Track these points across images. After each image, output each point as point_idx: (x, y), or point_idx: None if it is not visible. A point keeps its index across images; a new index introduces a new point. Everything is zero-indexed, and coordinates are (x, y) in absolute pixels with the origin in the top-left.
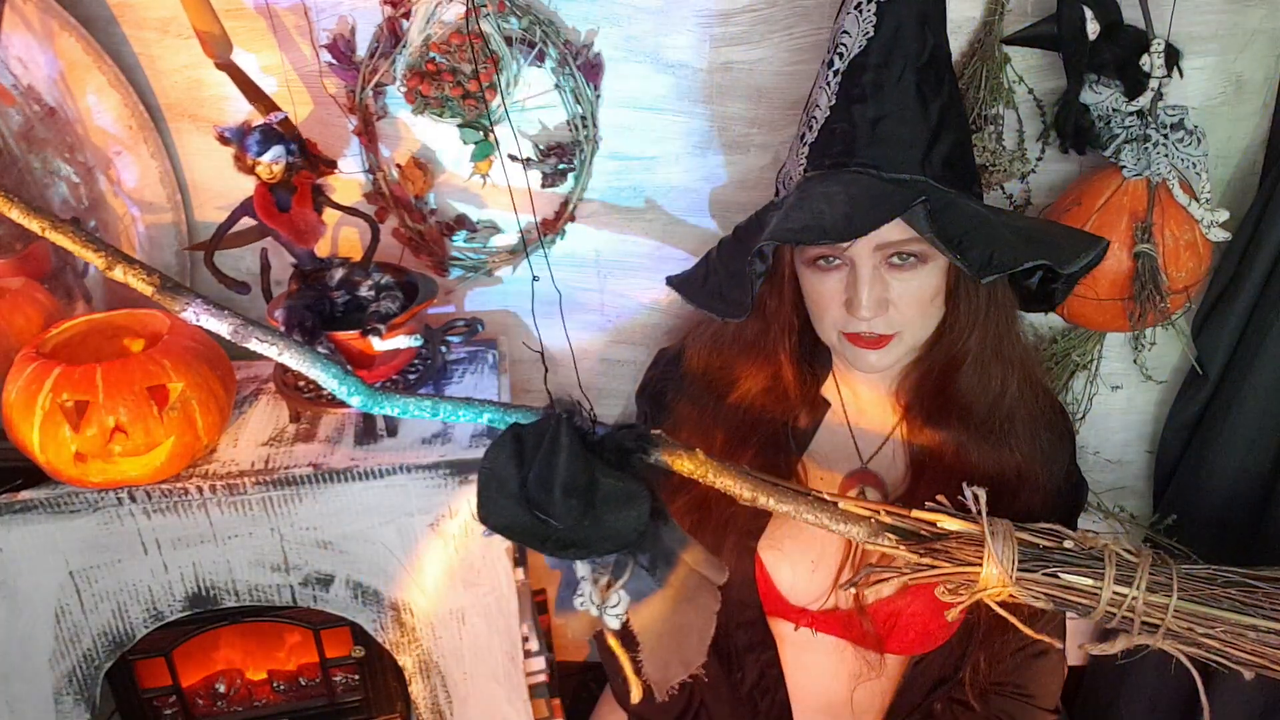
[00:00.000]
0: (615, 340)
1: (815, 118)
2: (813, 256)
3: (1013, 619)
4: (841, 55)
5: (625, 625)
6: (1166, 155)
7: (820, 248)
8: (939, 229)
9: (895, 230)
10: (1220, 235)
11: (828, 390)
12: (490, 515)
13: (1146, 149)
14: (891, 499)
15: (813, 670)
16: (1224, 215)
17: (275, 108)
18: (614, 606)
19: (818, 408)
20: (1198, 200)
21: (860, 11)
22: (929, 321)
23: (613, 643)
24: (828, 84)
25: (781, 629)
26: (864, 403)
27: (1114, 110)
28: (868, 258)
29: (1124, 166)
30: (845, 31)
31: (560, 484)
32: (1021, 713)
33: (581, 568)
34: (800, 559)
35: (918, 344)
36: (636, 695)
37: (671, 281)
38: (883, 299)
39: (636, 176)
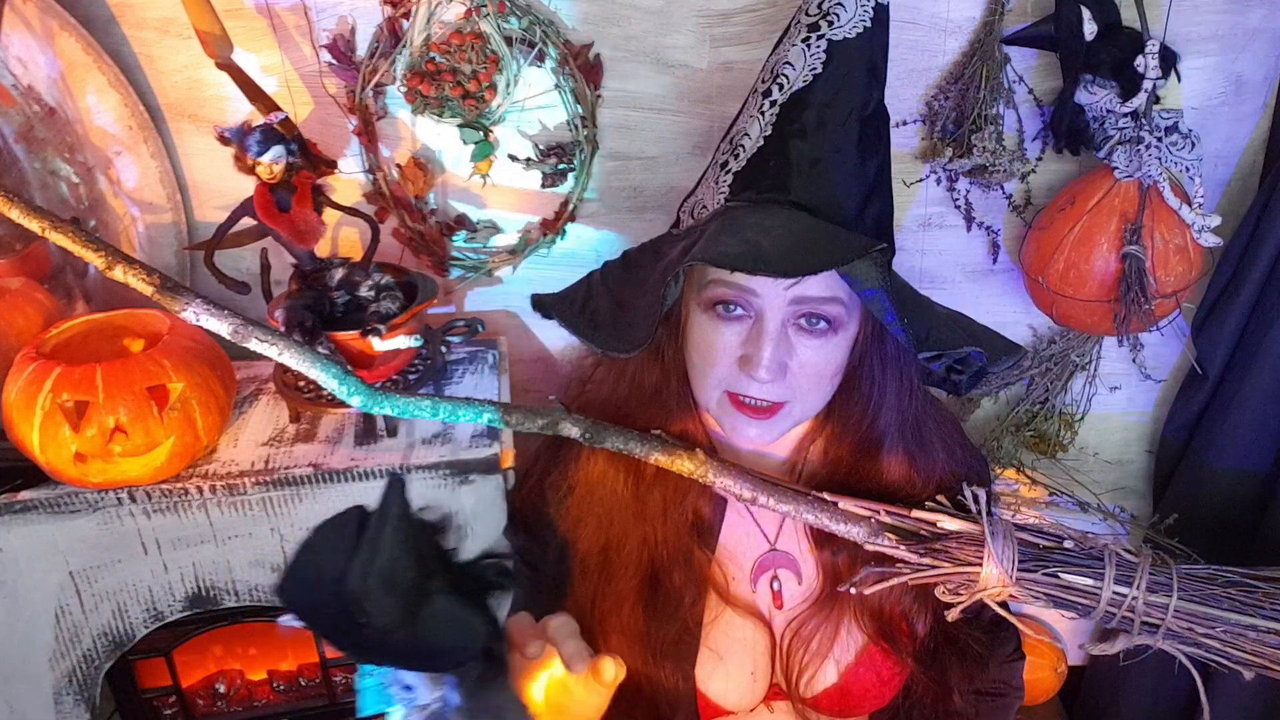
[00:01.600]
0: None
1: (743, 146)
2: (713, 299)
3: (1012, 618)
4: (781, 86)
5: None
6: (1159, 158)
7: (725, 289)
8: (890, 287)
9: (820, 284)
10: (1211, 241)
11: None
12: (293, 597)
13: (1139, 151)
14: (803, 583)
15: None
16: (1216, 221)
17: (276, 107)
18: None
19: (716, 499)
20: (1190, 204)
21: (808, 45)
22: (821, 398)
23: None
24: (761, 113)
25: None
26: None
27: (1108, 111)
28: (779, 311)
29: (1116, 168)
30: (788, 63)
31: (380, 572)
32: None
33: (394, 718)
34: (736, 672)
35: (804, 420)
36: None
37: (539, 301)
38: (784, 363)
39: (636, 176)
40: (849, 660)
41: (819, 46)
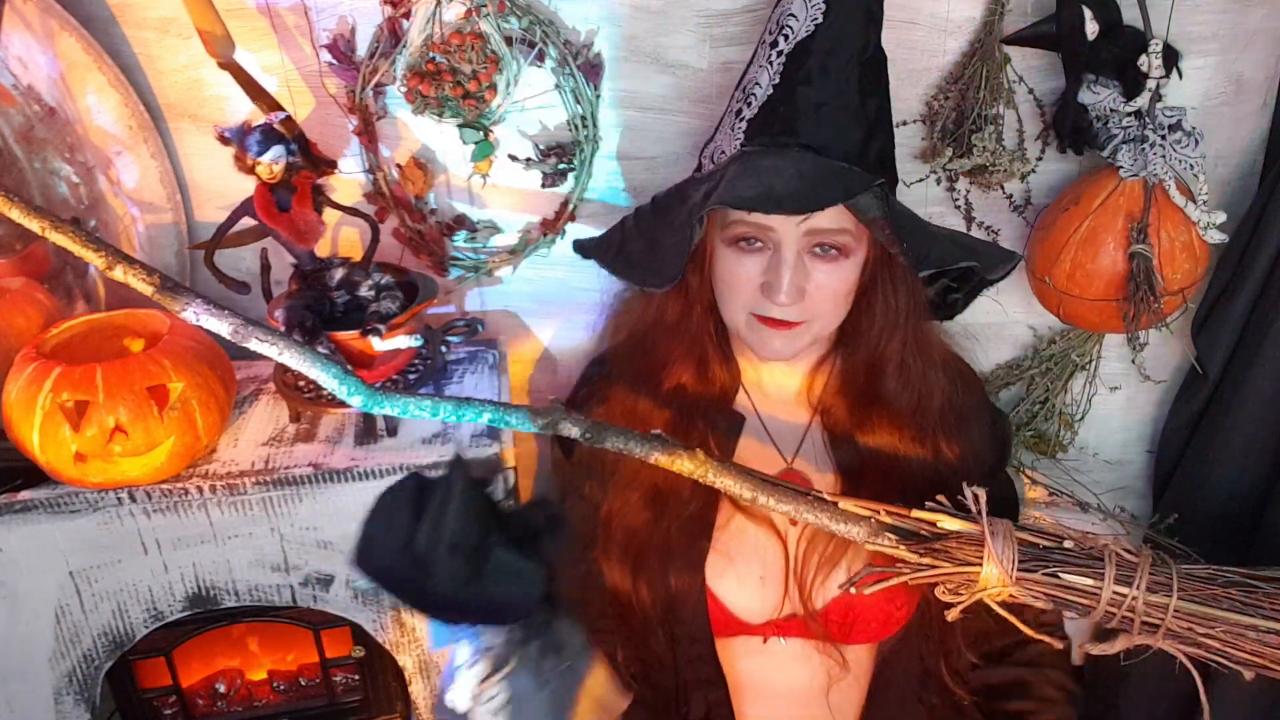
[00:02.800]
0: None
1: (755, 95)
2: (735, 236)
3: (1014, 619)
4: (787, 37)
5: None
6: (1163, 156)
7: (745, 227)
8: (892, 215)
9: (829, 217)
10: (1217, 237)
11: (739, 400)
12: (368, 562)
13: (1144, 150)
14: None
15: (779, 687)
16: (1221, 217)
17: (278, 106)
18: (488, 702)
19: (734, 416)
20: (1195, 202)
21: None
22: (838, 316)
23: None
24: (769, 62)
25: (736, 651)
26: (774, 402)
27: (1112, 110)
28: (794, 242)
29: (1121, 167)
30: (791, 14)
31: (447, 539)
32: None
33: (461, 652)
34: (747, 575)
35: (822, 336)
36: None
37: (582, 246)
38: (802, 287)
39: (636, 176)
40: (857, 573)
41: None
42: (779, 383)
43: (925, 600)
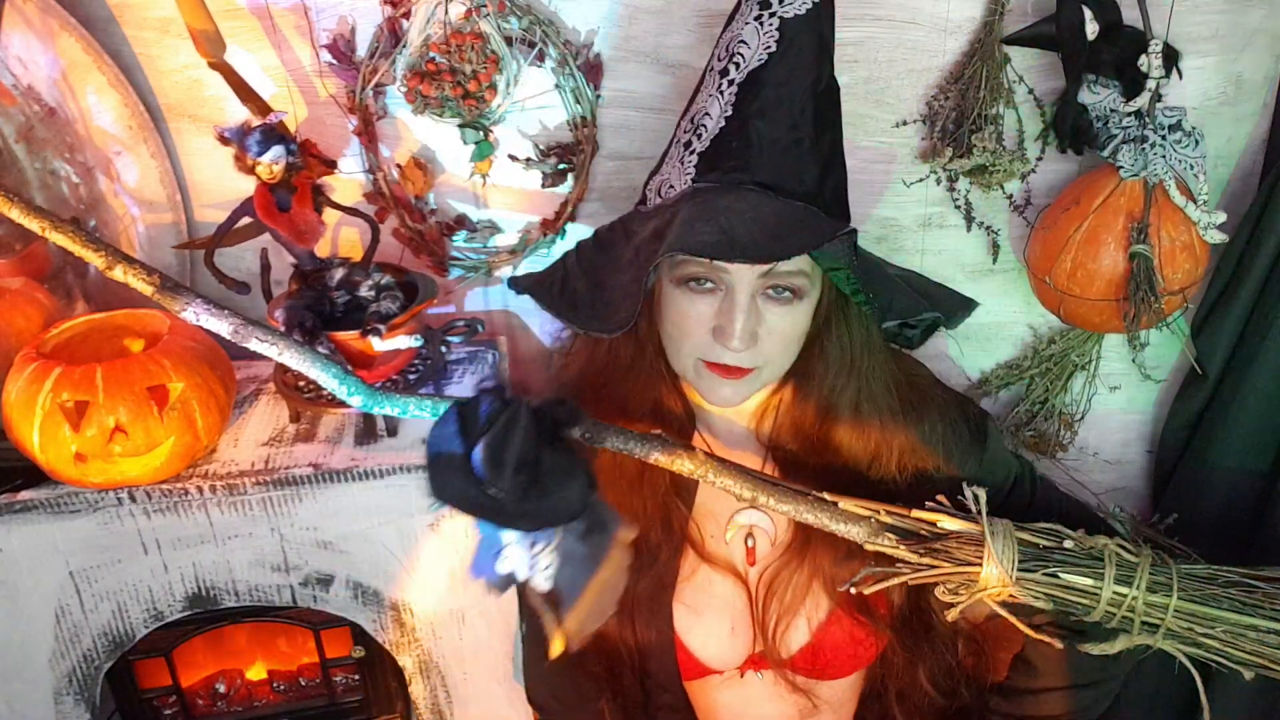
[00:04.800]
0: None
1: (705, 126)
2: (686, 276)
3: (1014, 620)
4: (738, 65)
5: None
6: (1164, 156)
7: (697, 268)
8: (858, 263)
9: (787, 262)
10: (1217, 237)
11: (695, 439)
12: (443, 490)
13: (1144, 150)
14: (775, 541)
15: (757, 718)
16: (1221, 217)
17: (269, 109)
18: (546, 569)
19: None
20: (1195, 202)
21: (760, 24)
22: (788, 359)
23: (537, 602)
24: (720, 92)
25: (713, 685)
26: (724, 443)
27: (1112, 110)
28: (749, 285)
29: (1121, 167)
30: (743, 41)
31: (513, 461)
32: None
33: (509, 534)
34: (716, 627)
35: (772, 381)
36: (557, 650)
37: (519, 284)
38: (755, 331)
39: (636, 176)
40: (820, 619)
41: (771, 24)
42: (728, 419)
43: (895, 629)
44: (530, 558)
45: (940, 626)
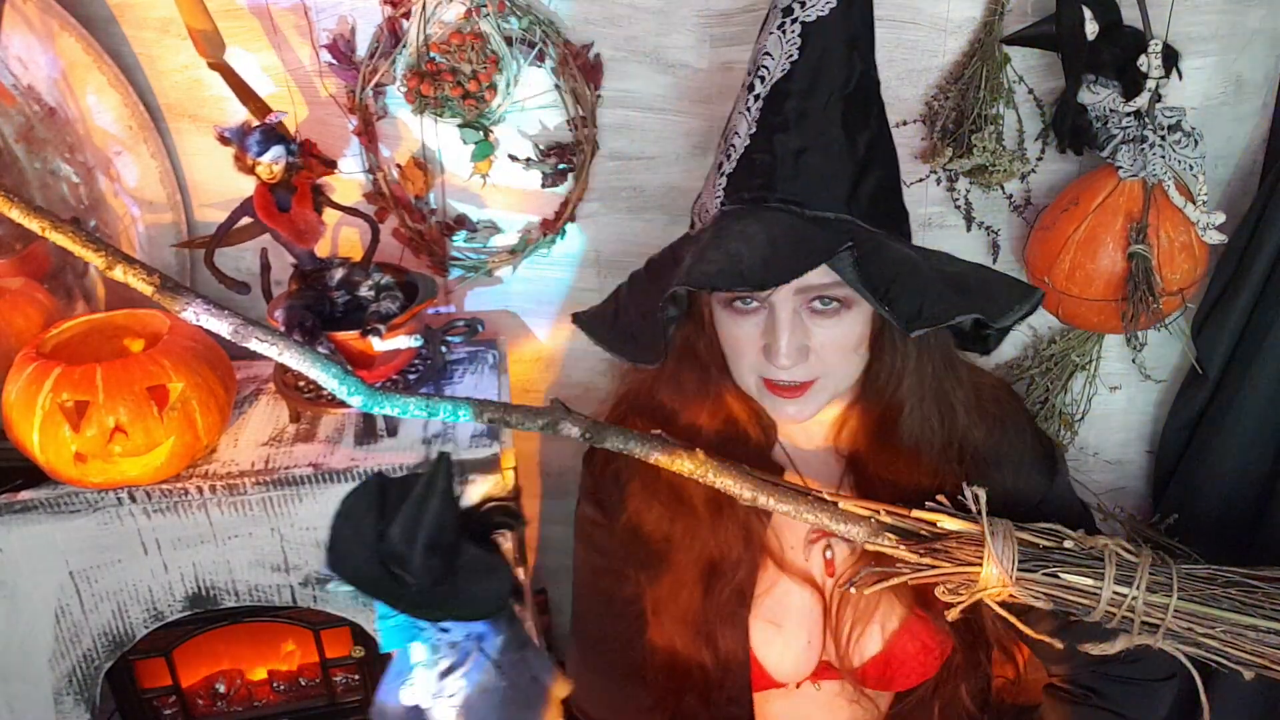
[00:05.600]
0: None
1: (734, 145)
2: (729, 298)
3: (1014, 620)
4: (763, 79)
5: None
6: (1163, 156)
7: (732, 293)
8: (865, 277)
9: (818, 274)
10: (1216, 238)
11: (775, 451)
12: (341, 564)
13: (1143, 150)
14: (855, 554)
15: None
16: (1220, 218)
17: (268, 110)
18: (451, 696)
19: (774, 468)
20: (1194, 202)
21: (783, 32)
22: (852, 369)
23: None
24: (748, 109)
25: (769, 697)
26: (807, 450)
27: (1111, 111)
28: (788, 301)
29: (1120, 167)
30: (767, 53)
31: (425, 537)
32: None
33: (417, 652)
34: (794, 640)
35: (840, 391)
36: None
37: (579, 320)
38: (803, 346)
39: (636, 176)
40: (893, 627)
41: (794, 31)
42: (806, 430)
43: (961, 636)
44: (436, 683)
45: (989, 636)
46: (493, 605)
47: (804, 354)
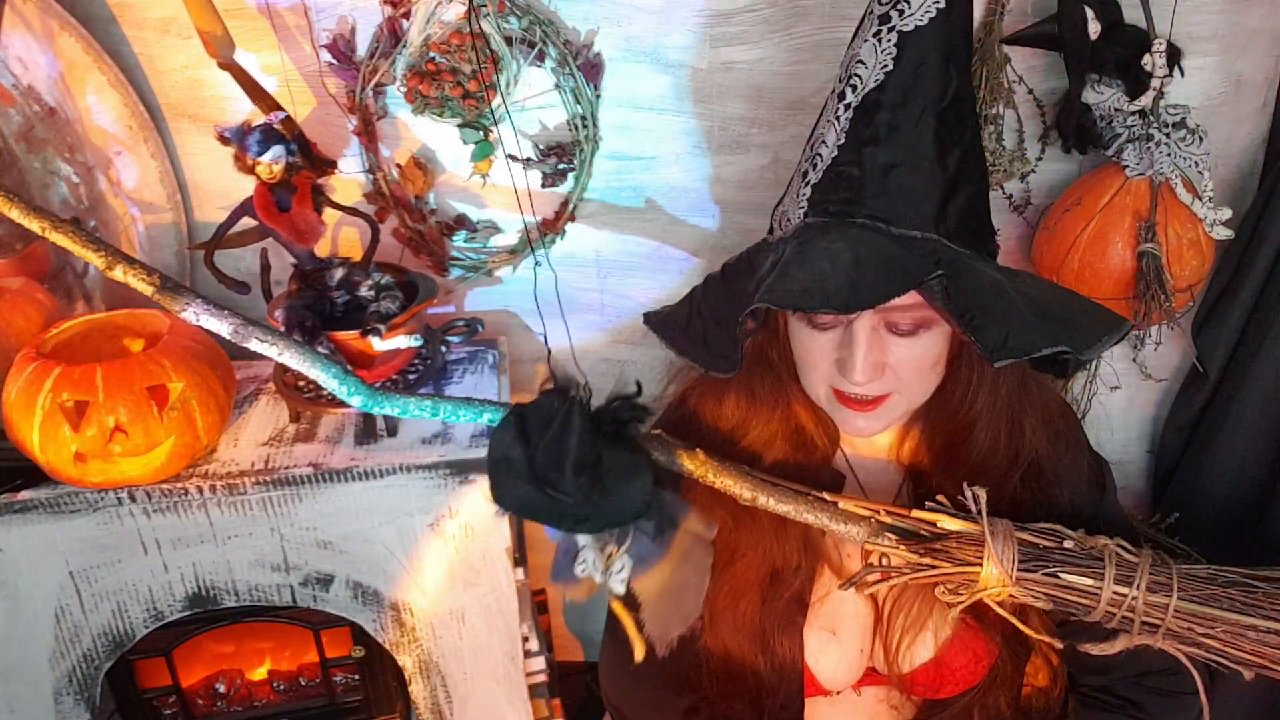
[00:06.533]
0: (615, 340)
1: (820, 155)
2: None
3: (1014, 620)
4: (855, 88)
5: (629, 588)
6: (1169, 154)
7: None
8: (952, 303)
9: (902, 296)
10: (1223, 233)
11: (836, 458)
12: (503, 496)
13: (1149, 148)
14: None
15: None
16: (1226, 213)
17: (277, 106)
18: (619, 572)
19: (835, 476)
20: (1200, 199)
21: (879, 40)
22: (927, 386)
23: (617, 606)
24: (837, 119)
25: (814, 708)
26: (868, 460)
27: (1116, 110)
28: (867, 320)
29: (1126, 166)
30: (860, 61)
31: (572, 463)
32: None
33: (583, 536)
34: (849, 648)
35: (913, 408)
36: (640, 654)
37: (651, 322)
38: (879, 363)
39: (636, 176)
40: (946, 635)
41: (889, 40)
42: (872, 441)
43: (1009, 644)
44: (603, 561)
45: (1031, 645)
46: (642, 505)
47: (879, 370)
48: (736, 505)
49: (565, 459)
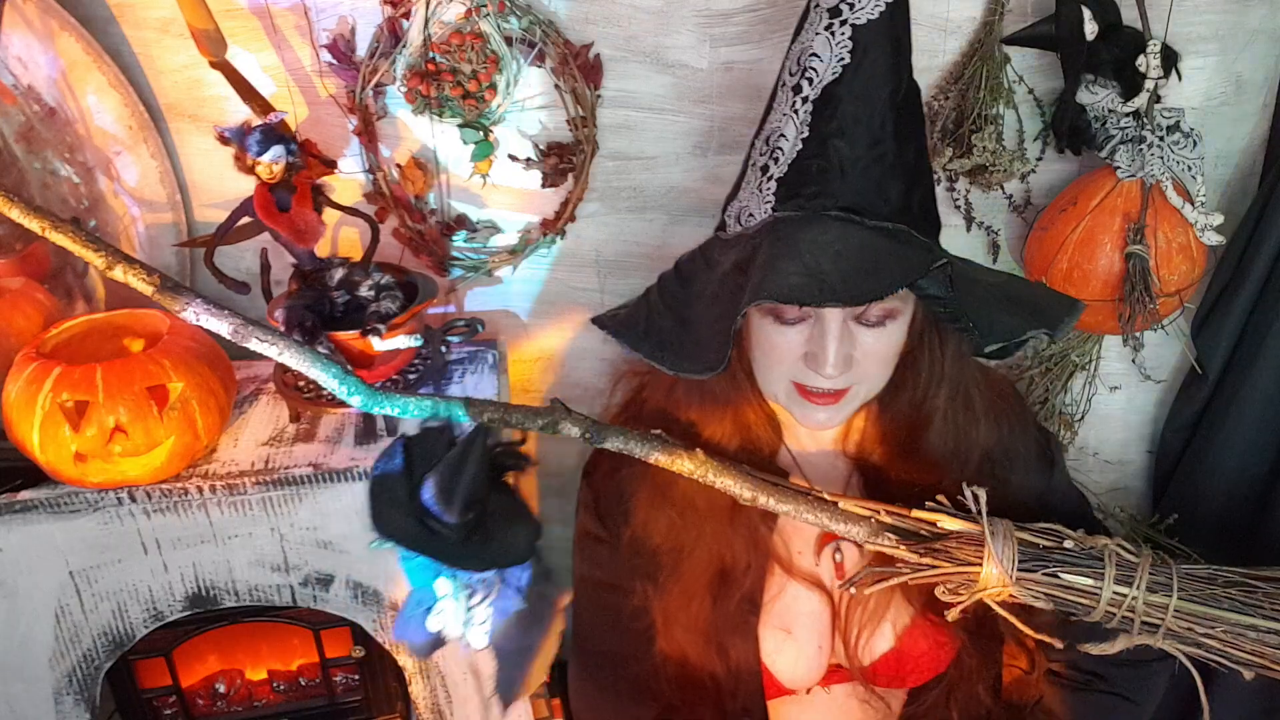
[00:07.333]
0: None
1: (781, 149)
2: (772, 307)
3: (1011, 618)
4: (810, 81)
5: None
6: (1161, 157)
7: (785, 305)
8: (955, 292)
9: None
10: (1214, 239)
11: (780, 454)
12: (383, 525)
13: (1141, 150)
14: (864, 551)
15: None
16: (1218, 219)
17: (270, 108)
18: (481, 624)
19: (779, 473)
20: (1192, 203)
21: (832, 34)
22: (885, 377)
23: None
24: (795, 112)
25: (782, 707)
26: (813, 454)
27: (1110, 111)
28: (838, 312)
29: (1119, 167)
30: (814, 54)
31: (463, 495)
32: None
33: (444, 587)
34: (806, 645)
35: (869, 398)
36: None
37: (603, 325)
38: (849, 355)
39: (636, 176)
40: (904, 624)
41: (843, 34)
42: (817, 437)
43: (973, 635)
44: (465, 613)
45: (1000, 630)
46: (526, 551)
47: (848, 363)
48: (683, 502)
49: (456, 490)
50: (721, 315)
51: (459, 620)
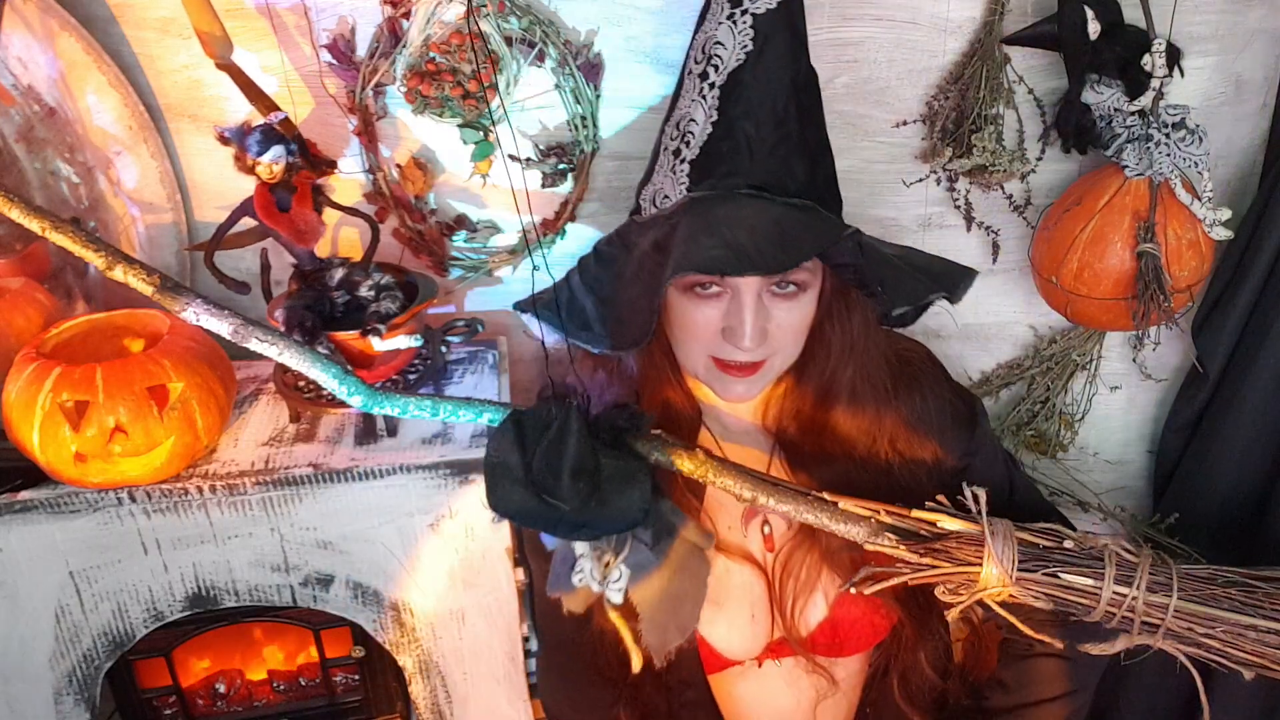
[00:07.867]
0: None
1: (692, 133)
2: (690, 282)
3: (1010, 617)
4: (717, 68)
5: (626, 598)
6: (1168, 155)
7: (704, 277)
8: (865, 259)
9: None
10: (1223, 234)
11: (702, 434)
12: (500, 502)
13: (1149, 148)
14: (793, 528)
15: (774, 707)
16: (1226, 214)
17: (275, 108)
18: (616, 581)
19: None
20: (1200, 199)
21: (734, 23)
22: (798, 349)
23: (614, 616)
24: (703, 97)
25: (731, 678)
26: (734, 433)
27: (1115, 110)
28: (755, 286)
29: (1126, 166)
30: (719, 43)
31: (569, 468)
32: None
33: (581, 545)
34: (738, 617)
35: (783, 370)
36: (637, 664)
37: (524, 307)
38: (764, 329)
39: (636, 176)
40: (836, 592)
41: (745, 23)
42: (735, 412)
43: (907, 606)
44: (600, 570)
45: (938, 604)
46: (639, 513)
47: (764, 336)
48: None
49: (562, 465)
50: (643, 292)
51: (596, 577)
